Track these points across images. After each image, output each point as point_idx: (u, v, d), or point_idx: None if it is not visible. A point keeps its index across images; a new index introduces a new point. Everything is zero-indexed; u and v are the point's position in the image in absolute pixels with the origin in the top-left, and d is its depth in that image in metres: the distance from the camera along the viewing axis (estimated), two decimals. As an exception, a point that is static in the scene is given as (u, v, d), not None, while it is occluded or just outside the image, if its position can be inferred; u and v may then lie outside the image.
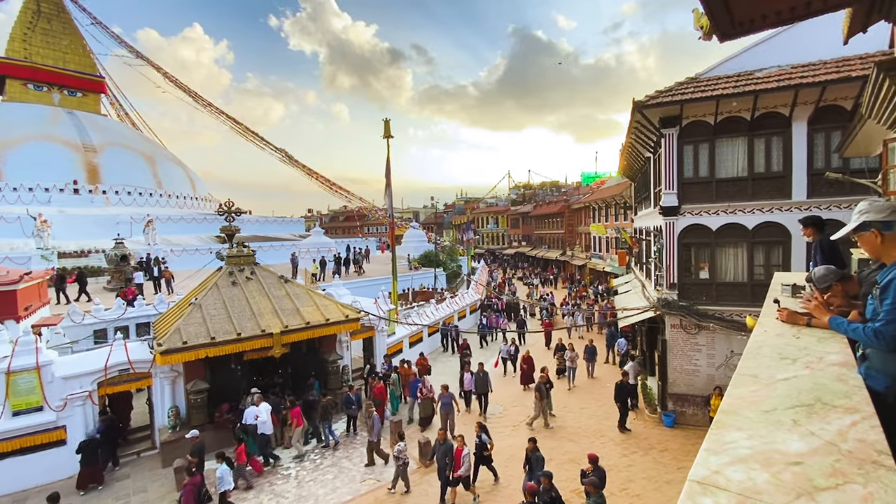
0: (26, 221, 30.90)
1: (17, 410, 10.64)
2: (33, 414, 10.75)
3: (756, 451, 1.37)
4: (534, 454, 9.40)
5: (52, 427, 10.83)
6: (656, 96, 12.81)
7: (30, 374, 10.76)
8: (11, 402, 10.61)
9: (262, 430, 11.39)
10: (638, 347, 18.91)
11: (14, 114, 41.82)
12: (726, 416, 1.61)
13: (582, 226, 47.70)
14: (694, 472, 1.26)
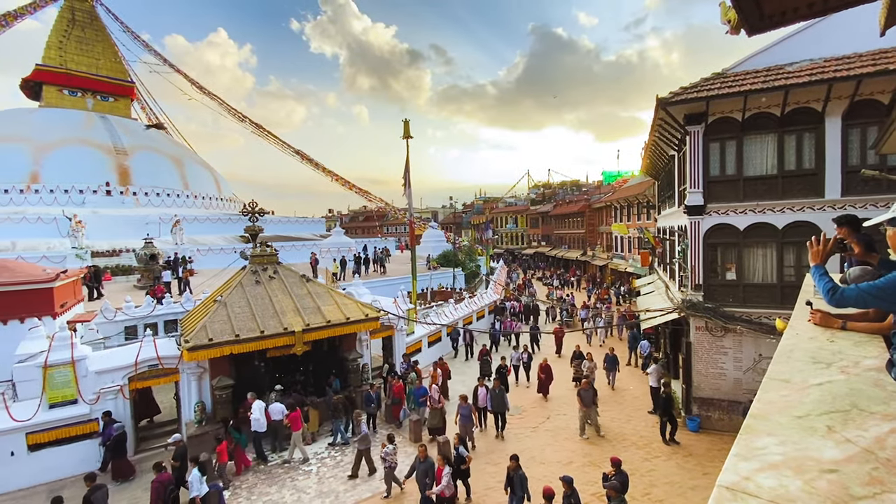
0: (62, 222, 32.26)
1: (54, 403, 11.12)
2: (68, 407, 11.21)
3: (788, 457, 1.33)
4: (516, 473, 8.77)
5: (85, 419, 11.28)
6: (681, 93, 12.52)
7: (65, 369, 11.23)
8: (48, 394, 11.09)
9: (254, 428, 11.58)
10: (661, 350, 18.53)
11: (51, 119, 43.69)
12: (756, 421, 1.56)
13: (603, 225, 46.98)
14: (723, 477, 1.23)
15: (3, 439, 10.34)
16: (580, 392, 12.88)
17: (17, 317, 14.13)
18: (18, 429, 10.51)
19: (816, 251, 2.65)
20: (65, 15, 48.92)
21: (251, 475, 11.03)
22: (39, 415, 10.82)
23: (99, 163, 41.44)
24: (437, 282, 32.65)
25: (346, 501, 9.87)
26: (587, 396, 12.71)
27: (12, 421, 10.49)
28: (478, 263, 41.27)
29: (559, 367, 17.49)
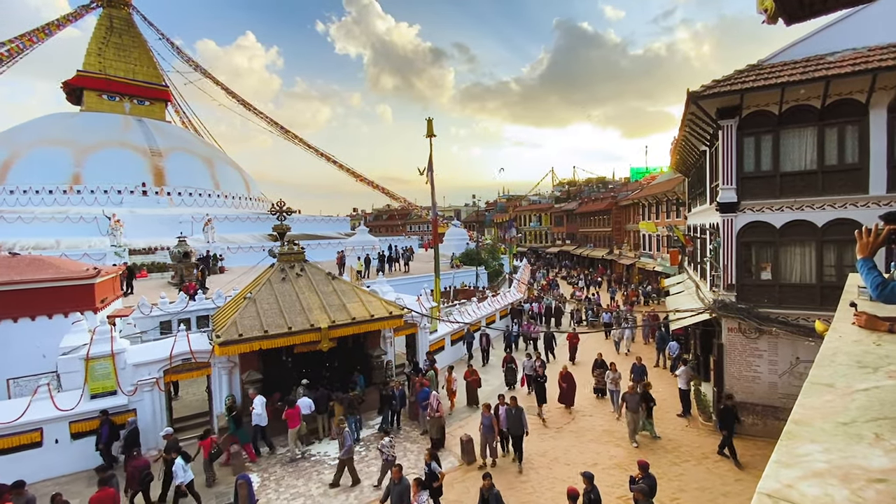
0: (102, 221, 33.79)
1: (95, 394, 11.68)
2: (108, 398, 11.75)
3: (833, 465, 1.27)
4: (490, 492, 8.30)
5: (124, 410, 11.80)
6: (713, 86, 12.11)
7: (105, 361, 11.77)
8: (90, 386, 11.65)
9: (255, 422, 11.79)
10: (691, 351, 18.01)
11: (91, 122, 45.82)
12: (799, 427, 1.50)
13: (630, 223, 45.97)
14: (764, 484, 1.18)
15: (48, 427, 10.92)
16: (625, 396, 12.38)
17: (62, 311, 14.88)
18: (63, 417, 11.09)
19: (865, 243, 2.48)
20: (103, 23, 51.17)
21: (279, 468, 11.30)
22: (82, 405, 11.38)
23: (136, 164, 43.23)
24: (460, 280, 32.67)
25: (369, 497, 10.00)
26: (633, 401, 12.11)
27: (57, 410, 11.08)
28: (501, 262, 41.06)
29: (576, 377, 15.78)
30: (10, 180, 39.01)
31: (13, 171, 39.53)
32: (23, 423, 10.64)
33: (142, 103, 51.72)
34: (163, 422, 12.40)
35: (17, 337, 14.18)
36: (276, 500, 9.88)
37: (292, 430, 11.76)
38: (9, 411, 10.76)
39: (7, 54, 45.82)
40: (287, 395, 13.00)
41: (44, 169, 39.68)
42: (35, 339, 14.26)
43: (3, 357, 13.84)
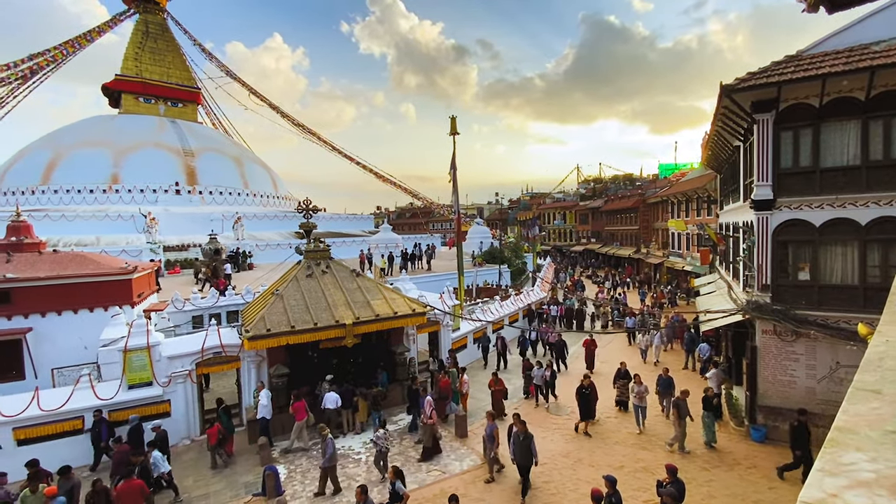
0: (138, 219, 35.23)
1: (132, 384, 12.20)
2: (144, 388, 12.26)
3: (881, 475, 1.20)
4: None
5: (159, 400, 12.29)
6: (748, 78, 11.64)
7: (142, 353, 12.28)
8: (128, 376, 12.18)
9: (261, 414, 11.98)
10: (722, 353, 17.44)
11: (128, 124, 47.78)
12: (843, 435, 1.42)
13: (659, 221, 44.82)
14: (807, 493, 1.13)
15: (90, 416, 11.46)
16: (677, 402, 11.55)
17: (102, 305, 15.59)
18: (103, 406, 11.61)
19: None
20: (140, 28, 53.22)
21: (305, 460, 11.55)
22: (120, 394, 11.91)
23: (170, 164, 44.87)
24: (483, 278, 32.57)
25: None
26: (684, 408, 11.43)
27: (97, 399, 11.63)
28: (524, 260, 40.73)
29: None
30: (55, 180, 41.11)
31: (57, 172, 41.64)
32: (66, 411, 11.22)
33: (175, 105, 53.59)
34: (195, 412, 12.86)
35: (61, 329, 14.96)
36: (301, 492, 10.10)
37: (299, 422, 12.00)
38: (53, 399, 11.37)
39: (52, 60, 48.25)
40: (313, 389, 13.26)
41: (85, 169, 41.67)
42: (77, 332, 15.01)
43: (48, 348, 14.62)
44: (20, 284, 14.44)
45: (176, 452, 11.93)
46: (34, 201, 38.93)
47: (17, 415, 10.77)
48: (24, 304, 14.53)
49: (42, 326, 14.72)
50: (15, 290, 14.41)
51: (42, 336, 14.63)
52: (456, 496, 8.33)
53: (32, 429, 10.77)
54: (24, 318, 14.56)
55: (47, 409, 11.06)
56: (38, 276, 14.75)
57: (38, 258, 15.95)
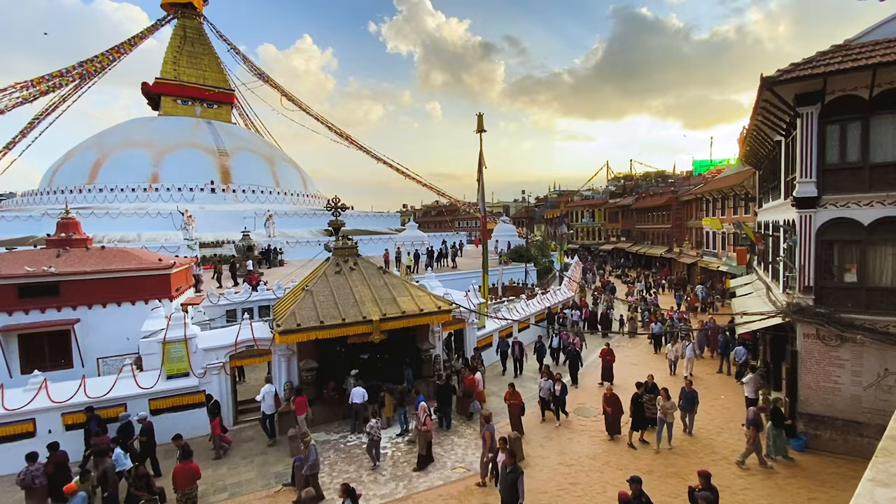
0: (176, 216, 36.70)
1: (170, 375, 12.74)
2: (181, 379, 12.77)
3: (941, 488, 1.12)
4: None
5: (195, 391, 12.79)
6: (791, 70, 11.10)
7: (179, 345, 12.80)
8: (166, 367, 12.72)
9: (263, 409, 12.29)
10: (760, 357, 16.74)
11: (167, 125, 49.83)
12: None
13: (693, 220, 43.38)
14: (857, 502, 1.07)
15: (132, 403, 12.05)
16: (755, 418, 10.78)
17: (142, 298, 16.36)
18: (143, 395, 12.19)
19: None
20: (178, 33, 55.32)
21: (332, 452, 11.78)
22: (159, 384, 12.46)
23: (205, 164, 46.53)
24: (509, 277, 32.35)
25: (418, 486, 10.18)
26: (760, 422, 10.80)
27: (139, 388, 12.20)
28: (551, 259, 40.22)
29: (594, 399, 14.24)
30: (100, 179, 43.31)
31: (102, 171, 43.86)
32: (111, 398, 11.82)
33: (210, 107, 55.49)
34: (228, 403, 13.31)
35: (105, 320, 15.78)
36: (329, 483, 10.31)
37: (300, 416, 12.25)
38: (99, 387, 12.01)
39: (98, 66, 50.81)
40: (340, 383, 13.51)
41: (127, 169, 43.72)
42: (120, 323, 15.80)
43: (94, 338, 15.46)
44: (69, 278, 15.30)
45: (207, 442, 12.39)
46: (81, 199, 41.08)
47: (66, 401, 11.43)
48: (72, 297, 15.39)
49: (89, 318, 15.55)
50: (64, 284, 15.28)
51: (88, 327, 15.47)
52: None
53: (80, 414, 11.40)
54: (73, 310, 15.42)
55: (93, 396, 11.69)
56: (85, 271, 15.59)
57: (85, 253, 16.86)
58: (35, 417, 11.12)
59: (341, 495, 8.09)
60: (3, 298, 14.55)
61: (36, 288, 15.00)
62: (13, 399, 11.18)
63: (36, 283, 14.95)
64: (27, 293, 14.90)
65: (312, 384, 13.41)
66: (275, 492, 10.08)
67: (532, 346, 19.15)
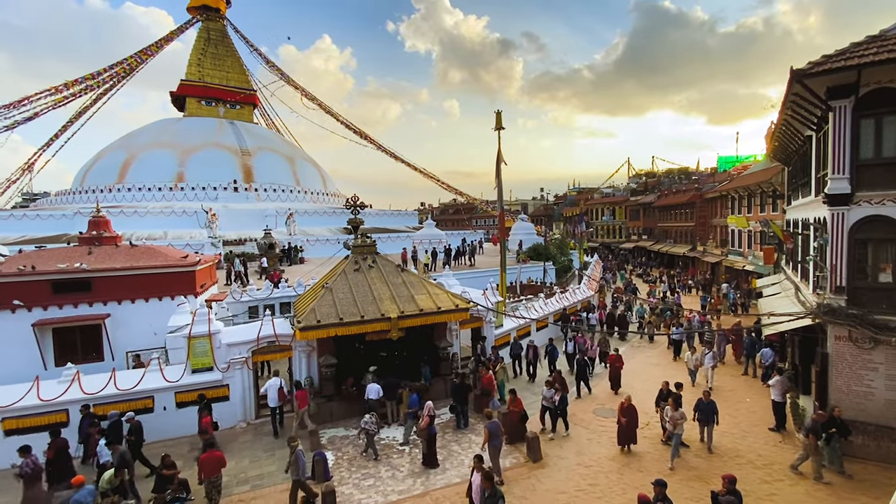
0: (200, 215, 37.62)
1: (195, 369, 13.09)
2: (206, 373, 13.11)
3: None
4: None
5: (218, 385, 13.11)
6: (823, 61, 10.68)
7: (204, 340, 13.14)
8: (191, 361, 13.07)
9: (269, 402, 12.64)
10: (787, 360, 16.22)
11: (192, 126, 51.08)
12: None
13: (717, 217, 42.31)
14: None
15: (158, 396, 12.44)
16: (813, 426, 10.07)
17: (169, 294, 16.83)
18: (169, 388, 12.56)
19: None
20: (202, 35, 56.64)
21: (351, 448, 11.91)
22: (184, 378, 12.82)
23: (228, 163, 47.57)
24: (527, 275, 32.12)
25: (435, 483, 10.22)
26: (817, 429, 10.06)
27: (165, 381, 12.58)
28: (570, 257, 39.76)
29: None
30: (129, 179, 44.73)
31: (131, 171, 45.30)
32: (138, 391, 12.22)
33: (233, 107, 56.67)
34: (250, 397, 13.60)
35: (134, 316, 16.30)
36: (348, 479, 10.44)
37: (301, 409, 12.49)
38: (128, 380, 12.42)
39: (127, 68, 52.41)
40: (359, 380, 13.65)
41: (154, 169, 45.05)
42: (148, 318, 16.30)
43: (123, 332, 15.98)
44: (100, 274, 15.85)
45: (233, 434, 12.70)
46: (111, 198, 42.50)
47: (97, 393, 11.87)
48: (103, 292, 15.94)
49: (118, 313, 16.09)
50: (95, 280, 15.84)
51: (118, 322, 16.01)
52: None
53: (109, 406, 11.82)
54: (104, 305, 15.98)
55: (123, 388, 12.10)
56: (115, 267, 16.13)
57: (115, 251, 17.43)
58: (68, 408, 11.58)
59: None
60: (38, 294, 15.17)
61: (69, 284, 15.59)
62: (48, 390, 11.66)
63: (69, 279, 15.54)
64: (61, 289, 15.49)
65: (332, 380, 13.59)
66: (295, 485, 10.24)
67: (544, 349, 17.77)
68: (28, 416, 11.15)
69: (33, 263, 15.48)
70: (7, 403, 11.12)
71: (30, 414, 11.18)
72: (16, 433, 10.98)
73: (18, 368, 13.85)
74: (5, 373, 12.87)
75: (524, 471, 10.74)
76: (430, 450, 10.90)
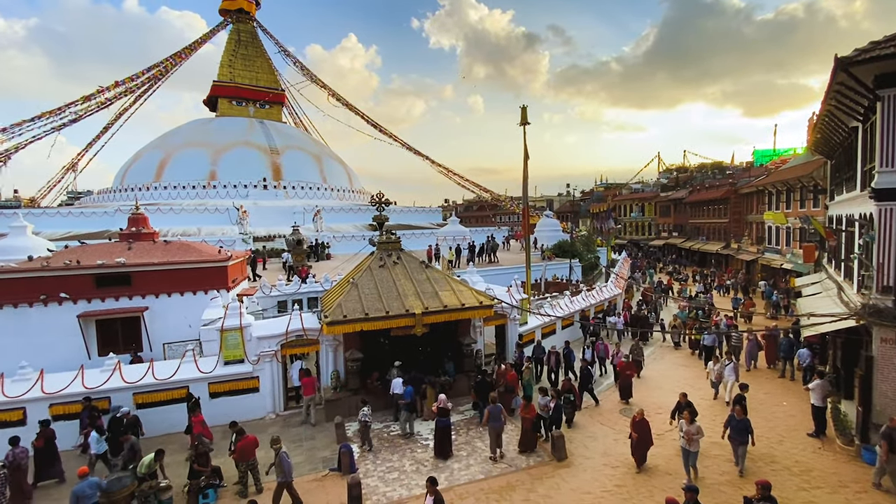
0: (232, 212, 38.79)
1: (227, 361, 13.52)
2: (237, 365, 13.53)
3: None
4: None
5: (249, 377, 13.52)
6: (871, 48, 10.07)
7: (235, 333, 13.55)
8: (224, 353, 13.52)
9: (293, 382, 13.26)
10: (828, 362, 15.48)
11: (223, 126, 52.61)
12: None
13: (753, 214, 40.65)
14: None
15: (193, 386, 12.93)
16: (889, 432, 9.26)
17: (202, 288, 17.43)
18: (203, 379, 13.04)
19: None
20: (233, 37, 58.17)
21: (377, 441, 12.08)
22: (217, 369, 13.28)
23: (258, 162, 48.82)
24: (552, 273, 31.71)
25: (459, 479, 10.25)
26: (892, 434, 9.24)
27: (199, 372, 13.06)
28: (597, 255, 39.00)
29: (615, 422, 12.74)
30: (165, 178, 46.50)
31: (167, 170, 47.07)
32: (174, 381, 12.74)
33: (262, 107, 58.04)
34: (279, 389, 13.97)
35: (170, 309, 16.97)
36: (373, 471, 10.61)
37: (307, 397, 13.06)
38: (165, 370, 12.97)
39: (164, 70, 54.40)
40: (383, 374, 13.82)
41: (188, 167, 46.67)
42: (183, 311, 16.93)
43: (160, 325, 16.66)
44: (139, 269, 16.57)
45: (262, 425, 13.07)
46: (149, 196, 44.30)
47: (137, 381, 12.44)
48: (141, 286, 16.66)
49: (156, 306, 16.79)
50: (134, 274, 16.57)
51: (156, 314, 16.70)
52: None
53: (148, 395, 12.37)
54: (142, 298, 16.70)
55: (160, 378, 12.64)
56: (153, 262, 16.82)
57: (153, 246, 18.18)
58: (110, 396, 12.20)
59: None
60: (82, 287, 15.99)
61: (110, 278, 16.36)
62: (92, 378, 12.30)
63: (110, 273, 16.31)
64: (103, 282, 16.27)
65: (357, 374, 13.80)
66: (322, 476, 10.49)
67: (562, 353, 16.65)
68: (73, 402, 11.79)
69: (78, 258, 16.31)
70: (55, 390, 11.80)
71: (75, 401, 11.82)
72: (62, 418, 11.62)
73: (66, 357, 14.64)
74: (53, 361, 13.61)
75: (548, 469, 10.66)
76: (441, 441, 11.10)
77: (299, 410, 13.72)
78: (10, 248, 22.21)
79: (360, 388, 13.76)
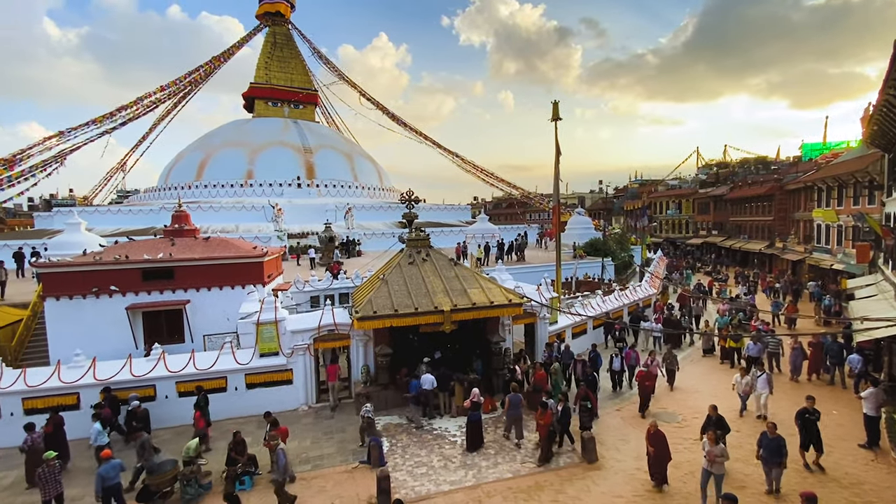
0: (267, 210, 40.04)
1: (263, 353, 14.00)
2: (272, 357, 13.99)
3: None
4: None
5: (283, 369, 13.96)
6: (936, 32, 9.33)
7: (270, 326, 14.01)
8: (260, 346, 14.00)
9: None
10: (883, 370, 14.53)
11: (260, 126, 54.36)
12: None
13: (801, 211, 38.60)
14: None
15: (231, 377, 13.47)
16: None
17: (240, 283, 18.07)
18: (240, 370, 13.57)
19: None
20: (269, 40, 59.91)
21: (405, 436, 12.22)
22: (253, 361, 13.77)
23: (292, 161, 50.17)
24: (583, 271, 31.12)
25: (487, 477, 10.24)
26: None
27: (236, 363, 13.58)
28: (631, 253, 37.96)
29: (632, 432, 12.20)
30: (205, 177, 48.49)
31: (207, 169, 49.06)
32: (213, 371, 13.32)
33: (297, 107, 59.54)
34: (312, 382, 14.35)
35: (209, 302, 17.69)
36: (402, 465, 10.74)
37: (330, 382, 13.59)
38: (205, 361, 13.56)
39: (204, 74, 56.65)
40: (412, 370, 13.95)
41: (227, 167, 48.49)
42: (222, 305, 17.62)
43: (200, 317, 17.40)
44: (181, 264, 17.35)
45: (295, 416, 13.46)
46: (190, 195, 46.32)
47: (179, 371, 13.07)
48: (183, 280, 17.44)
49: (197, 299, 17.54)
50: (177, 269, 17.38)
51: (196, 307, 17.45)
52: None
53: (190, 383, 12.97)
54: (184, 292, 17.48)
55: (201, 368, 13.23)
56: (194, 258, 17.59)
57: (194, 242, 19.00)
58: (155, 384, 12.88)
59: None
60: (130, 280, 16.89)
61: (155, 272, 17.21)
62: (139, 367, 13.02)
63: (155, 267, 17.16)
64: (149, 276, 17.14)
65: (387, 370, 14.00)
66: (352, 468, 10.70)
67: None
68: (122, 388, 12.51)
69: (126, 253, 17.24)
70: (106, 377, 12.56)
71: (124, 387, 12.53)
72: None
73: (116, 347, 15.52)
74: (104, 350, 14.46)
75: (578, 471, 10.49)
76: (472, 435, 11.32)
77: (325, 404, 14.07)
78: (67, 243, 23.80)
79: (389, 384, 13.96)
